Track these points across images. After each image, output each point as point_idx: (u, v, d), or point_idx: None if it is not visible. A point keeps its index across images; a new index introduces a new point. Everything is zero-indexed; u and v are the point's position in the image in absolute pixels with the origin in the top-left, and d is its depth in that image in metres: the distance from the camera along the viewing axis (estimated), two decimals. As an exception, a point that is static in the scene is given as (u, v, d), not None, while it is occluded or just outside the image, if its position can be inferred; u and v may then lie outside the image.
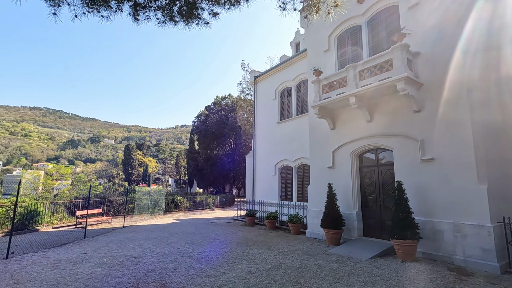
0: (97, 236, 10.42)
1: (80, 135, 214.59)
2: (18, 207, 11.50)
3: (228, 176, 39.82)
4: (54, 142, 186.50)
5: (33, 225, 11.54)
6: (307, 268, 6.32)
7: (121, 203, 16.89)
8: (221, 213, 21.79)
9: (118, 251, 7.92)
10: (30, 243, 8.87)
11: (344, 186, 9.88)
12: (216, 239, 10.15)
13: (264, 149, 17.40)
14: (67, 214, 13.94)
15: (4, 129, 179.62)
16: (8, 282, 5.14)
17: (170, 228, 12.86)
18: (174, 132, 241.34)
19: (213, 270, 6.06)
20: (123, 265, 6.41)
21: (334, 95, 9.64)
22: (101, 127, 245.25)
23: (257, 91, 19.09)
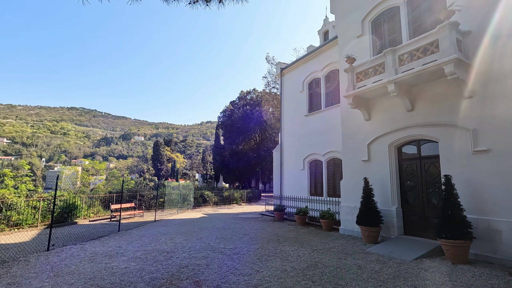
0: (130, 230, 10.66)
1: (112, 132, 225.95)
2: (58, 201, 12.10)
3: (254, 171, 39.73)
4: (90, 140, 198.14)
5: (71, 218, 12.09)
6: (346, 268, 5.89)
7: (152, 198, 17.30)
8: (248, 208, 21.71)
9: (150, 245, 7.97)
10: (69, 235, 9.24)
11: (381, 180, 9.23)
12: (246, 234, 9.97)
13: (291, 143, 16.94)
14: (102, 208, 14.51)
15: (46, 128, 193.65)
16: (48, 275, 5.25)
17: (200, 223, 12.91)
18: (200, 128, 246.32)
19: (246, 268, 5.83)
20: (156, 260, 6.38)
21: (370, 83, 8.97)
22: (131, 124, 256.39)
23: (284, 83, 18.59)
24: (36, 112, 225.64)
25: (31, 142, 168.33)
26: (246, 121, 35.95)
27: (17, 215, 9.94)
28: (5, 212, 9.70)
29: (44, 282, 4.87)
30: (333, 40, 14.04)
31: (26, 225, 10.12)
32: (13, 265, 5.79)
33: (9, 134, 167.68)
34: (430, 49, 7.42)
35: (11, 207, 9.94)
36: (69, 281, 4.94)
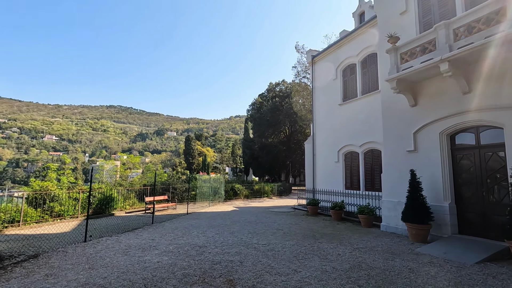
0: (164, 222, 10.73)
1: (147, 128, 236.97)
2: (96, 193, 12.58)
3: (284, 164, 39.10)
4: (127, 136, 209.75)
5: (109, 209, 12.52)
6: (395, 271, 5.21)
7: (184, 190, 17.53)
8: (279, 201, 21.28)
9: (183, 238, 7.85)
10: (106, 227, 9.47)
11: (430, 173, 8.25)
12: (279, 229, 9.54)
13: (324, 135, 16.12)
14: (138, 200, 14.93)
15: (88, 126, 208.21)
16: (83, 267, 5.24)
17: (231, 216, 12.73)
18: (229, 122, 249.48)
19: (283, 267, 5.39)
20: (188, 254, 6.18)
21: (418, 63, 7.97)
22: (164, 120, 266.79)
23: (315, 71, 17.70)
24: (79, 111, 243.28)
25: (76, 138, 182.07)
26: (275, 114, 35.27)
27: (59, 206, 10.44)
28: (49, 203, 10.22)
29: (79, 275, 4.83)
30: (370, 21, 12.92)
31: (67, 216, 10.61)
32: (52, 255, 5.90)
33: (57, 132, 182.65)
34: (494, 19, 6.32)
35: (54, 198, 10.46)
36: (103, 275, 4.85)
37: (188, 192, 15.12)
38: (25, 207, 9.37)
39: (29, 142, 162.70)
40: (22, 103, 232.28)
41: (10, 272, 4.86)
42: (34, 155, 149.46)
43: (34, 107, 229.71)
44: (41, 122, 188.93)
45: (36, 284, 4.41)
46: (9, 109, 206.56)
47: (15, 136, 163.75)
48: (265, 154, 35.62)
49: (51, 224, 9.73)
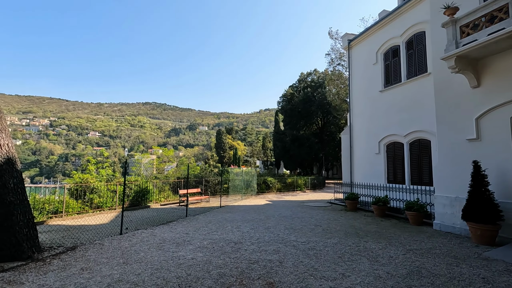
0: (197, 216, 10.60)
1: (180, 124, 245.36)
2: (133, 185, 12.84)
3: (316, 156, 37.87)
4: (162, 131, 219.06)
5: (145, 202, 12.75)
6: (465, 280, 4.38)
7: (217, 183, 17.47)
8: (313, 195, 20.49)
9: (217, 233, 7.55)
10: (141, 219, 9.53)
11: (497, 165, 7.06)
12: (317, 225, 8.90)
13: (363, 124, 14.99)
14: (172, 193, 15.10)
15: (126, 122, 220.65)
16: (118, 261, 5.09)
17: (265, 210, 12.31)
18: (258, 116, 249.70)
19: (328, 269, 4.80)
20: (223, 251, 5.82)
21: (483, 36, 6.77)
22: (196, 116, 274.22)
23: (352, 57, 16.48)
24: (118, 108, 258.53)
25: (116, 134, 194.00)
26: (307, 105, 34.06)
27: (98, 198, 10.76)
28: (89, 195, 10.56)
29: (113, 270, 4.66)
30: (418, -5, 11.53)
31: (106, 208, 10.91)
32: (89, 248, 5.87)
33: (100, 128, 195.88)
34: None
35: (93, 190, 10.79)
36: (137, 271, 4.64)
37: (221, 185, 14.99)
38: (67, 199, 9.75)
39: (76, 138, 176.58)
40: (69, 102, 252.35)
41: (48, 264, 4.83)
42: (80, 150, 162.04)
43: (79, 105, 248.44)
44: (86, 120, 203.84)
45: (71, 278, 4.30)
46: (58, 108, 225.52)
47: (64, 133, 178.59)
48: (296, 146, 34.69)
49: (90, 215, 10.04)
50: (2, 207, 4.59)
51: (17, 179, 4.83)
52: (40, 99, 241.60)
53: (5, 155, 4.63)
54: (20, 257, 4.80)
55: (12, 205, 4.70)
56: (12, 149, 4.82)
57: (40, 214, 8.71)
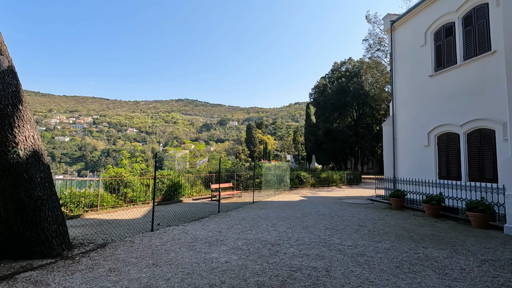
0: (230, 212, 10.15)
1: (211, 119, 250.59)
2: (166, 180, 12.77)
3: (351, 150, 35.96)
4: (194, 127, 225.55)
5: (177, 196, 12.62)
6: None
7: (248, 178, 17.01)
8: (350, 191, 19.25)
9: (251, 232, 6.98)
10: (174, 214, 9.28)
11: None
12: (361, 225, 7.98)
13: (408, 114, 13.53)
14: (204, 187, 14.90)
15: (161, 118, 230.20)
16: (147, 262, 4.70)
17: (300, 207, 11.55)
18: (288, 110, 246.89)
19: (388, 284, 3.97)
20: (260, 254, 5.21)
21: None
22: (226, 111, 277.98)
23: (395, 40, 14.93)
24: (153, 106, 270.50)
25: (152, 130, 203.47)
26: (342, 96, 32.25)
27: (131, 192, 10.75)
28: (122, 189, 10.58)
29: (142, 273, 4.26)
30: (480, -41, 9.87)
31: (139, 202, 10.88)
32: (119, 246, 5.60)
33: (137, 125, 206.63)
34: None
35: (127, 184, 10.81)
36: (166, 275, 4.19)
37: (253, 180, 14.47)
38: (101, 192, 9.81)
39: (116, 134, 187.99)
40: (109, 101, 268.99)
41: (77, 263, 4.57)
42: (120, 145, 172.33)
43: (118, 104, 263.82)
44: (124, 117, 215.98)
45: (98, 281, 3.95)
46: (100, 107, 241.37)
47: (105, 130, 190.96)
48: (330, 140, 33.15)
49: (124, 209, 10.03)
50: (29, 202, 4.39)
51: (44, 173, 4.62)
52: (84, 99, 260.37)
53: (31, 147, 4.41)
54: (50, 254, 4.60)
55: (40, 200, 4.50)
56: (38, 141, 4.61)
57: (76, 207, 8.82)
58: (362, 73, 31.62)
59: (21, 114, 4.23)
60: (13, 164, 4.17)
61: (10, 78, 4.10)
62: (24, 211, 4.36)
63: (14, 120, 4.18)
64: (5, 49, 4.16)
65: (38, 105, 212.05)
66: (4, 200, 4.23)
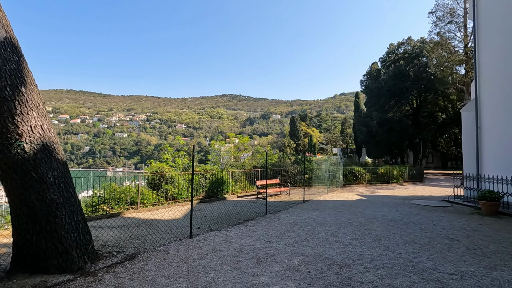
0: (279, 213, 8.87)
1: (254, 113, 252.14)
2: (209, 175, 11.99)
3: (411, 142, 31.94)
4: (237, 121, 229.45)
5: (221, 193, 11.75)
6: None
7: (296, 173, 15.57)
8: (415, 189, 16.62)
9: (308, 244, 5.61)
10: (216, 214, 8.33)
11: None
12: (453, 239, 6.07)
13: (500, 95, 10.75)
14: (249, 183, 13.87)
15: (207, 114, 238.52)
16: (180, 286, 3.64)
17: (361, 209, 9.79)
18: (333, 101, 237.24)
19: None
20: (326, 283, 3.83)
21: None
22: (269, 105, 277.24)
23: (479, 5, 12.01)
24: (199, 102, 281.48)
25: (199, 126, 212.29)
26: (399, 81, 28.53)
27: (173, 189, 10.10)
28: (164, 185, 9.99)
29: (171, 304, 3.20)
30: None
31: (181, 199, 10.20)
32: (151, 258, 4.69)
33: (185, 121, 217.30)
34: None
35: (169, 180, 10.20)
36: (201, 311, 3.06)
37: (304, 176, 12.98)
38: (142, 189, 9.29)
39: (167, 130, 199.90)
40: (160, 99, 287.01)
41: (98, 282, 3.71)
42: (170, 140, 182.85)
43: (168, 101, 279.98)
44: (174, 114, 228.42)
45: (114, 315, 2.99)
46: (152, 104, 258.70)
47: (157, 126, 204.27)
48: (385, 131, 29.75)
49: (165, 207, 9.39)
50: (42, 206, 3.64)
51: (58, 171, 3.84)
52: (139, 98, 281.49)
53: (39, 140, 3.63)
54: (69, 268, 3.84)
55: (54, 204, 3.73)
56: (49, 132, 3.82)
57: (117, 205, 8.38)
58: (424, 53, 27.56)
59: (24, 99, 3.46)
60: (18, 161, 3.43)
61: (8, 53, 3.35)
62: (36, 217, 3.63)
63: (15, 105, 3.40)
64: (2, 15, 3.42)
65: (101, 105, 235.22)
66: (13, 204, 3.56)
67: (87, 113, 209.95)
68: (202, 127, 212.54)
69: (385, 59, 33.08)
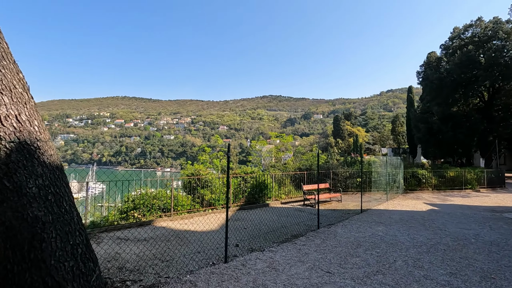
0: (334, 227, 7.28)
1: (295, 114, 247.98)
2: (249, 178, 10.80)
3: (482, 140, 27.31)
4: (278, 122, 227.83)
5: (263, 198, 10.46)
6: None
7: (348, 177, 13.65)
8: (499, 198, 13.53)
9: (386, 281, 4.00)
10: (258, 226, 7.05)
11: None
12: None
13: None
14: (293, 187, 12.38)
15: (247, 115, 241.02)
16: None
17: (439, 223, 7.71)
18: (379, 99, 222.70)
19: None
20: None
21: None
22: (310, 104, 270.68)
23: None
24: (240, 104, 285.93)
25: (240, 127, 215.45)
26: (467, 69, 24.36)
27: (210, 194, 9.05)
28: (200, 190, 9.00)
29: None
30: None
31: (219, 206, 9.11)
32: (172, 293, 3.55)
33: (227, 122, 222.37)
34: None
35: (205, 184, 9.20)
36: None
37: (360, 180, 11.10)
38: (175, 194, 8.39)
39: (210, 132, 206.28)
40: (203, 102, 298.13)
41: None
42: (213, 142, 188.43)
43: (211, 104, 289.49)
44: (216, 116, 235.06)
45: None
46: (196, 108, 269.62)
47: (201, 128, 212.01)
48: (450, 128, 25.74)
49: (201, 215, 8.36)
50: (22, 227, 2.70)
51: (45, 178, 2.86)
52: (184, 102, 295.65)
53: (13, 135, 2.66)
54: (64, 309, 2.85)
55: (40, 224, 2.77)
56: (31, 125, 2.84)
57: (149, 212, 7.58)
58: (500, 35, 23.23)
59: (-13, 77, 2.54)
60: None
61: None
62: (15, 240, 2.71)
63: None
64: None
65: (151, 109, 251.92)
66: (-15, 223, 2.67)
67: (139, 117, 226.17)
68: (243, 128, 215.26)
69: (447, 45, 28.78)
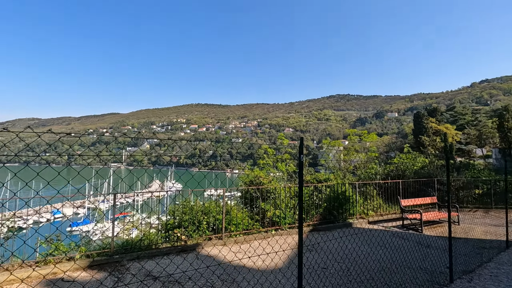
0: (476, 279, 4.40)
1: (365, 113, 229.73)
2: (323, 188, 8.38)
3: None
4: (346, 122, 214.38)
5: (344, 215, 7.85)
6: None
7: (461, 187, 9.96)
8: None
9: None
10: (345, 268, 4.65)
11: None
12: None
13: None
14: (382, 201, 9.36)
15: (313, 117, 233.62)
16: None
17: None
18: (470, 91, 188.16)
19: None
20: None
21: None
22: (383, 102, 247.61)
23: None
24: (306, 105, 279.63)
25: (306, 129, 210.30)
26: None
27: (273, 210, 6.90)
28: (260, 202, 6.91)
29: None
30: None
31: (285, 225, 6.91)
32: None
33: (292, 124, 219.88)
34: None
35: (267, 195, 7.09)
36: None
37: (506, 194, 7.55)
38: (228, 208, 6.47)
39: (275, 134, 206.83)
40: (269, 105, 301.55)
41: None
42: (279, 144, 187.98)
43: (276, 107, 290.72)
44: (281, 118, 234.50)
45: None
46: (262, 111, 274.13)
47: (267, 131, 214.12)
48: None
49: (262, 237, 6.29)
50: None
51: None
52: (250, 106, 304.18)
53: None
54: None
55: None
56: None
57: (195, 231, 5.87)
58: None
59: None
60: None
61: None
62: None
63: None
64: None
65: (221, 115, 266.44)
66: None
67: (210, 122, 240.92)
68: (309, 130, 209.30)
69: None
